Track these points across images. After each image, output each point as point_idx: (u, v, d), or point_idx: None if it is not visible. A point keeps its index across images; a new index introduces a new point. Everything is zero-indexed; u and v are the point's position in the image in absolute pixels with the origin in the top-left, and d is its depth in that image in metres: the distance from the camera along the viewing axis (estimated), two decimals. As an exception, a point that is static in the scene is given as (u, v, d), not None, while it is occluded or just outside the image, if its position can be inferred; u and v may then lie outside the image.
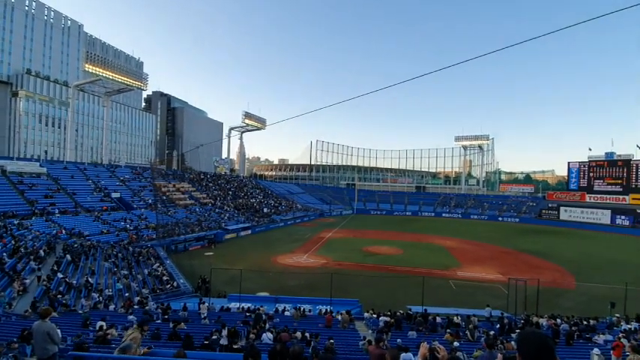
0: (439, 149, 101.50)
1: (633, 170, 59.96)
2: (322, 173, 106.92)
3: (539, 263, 33.52)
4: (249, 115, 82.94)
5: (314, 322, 16.60)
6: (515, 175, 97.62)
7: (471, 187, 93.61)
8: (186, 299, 21.03)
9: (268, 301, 21.13)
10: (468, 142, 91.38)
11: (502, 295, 22.33)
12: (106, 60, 56.32)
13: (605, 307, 20.01)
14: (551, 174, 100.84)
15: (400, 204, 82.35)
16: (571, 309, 20.75)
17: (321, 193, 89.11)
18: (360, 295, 22.37)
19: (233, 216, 52.50)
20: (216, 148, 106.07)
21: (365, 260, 33.59)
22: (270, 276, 27.04)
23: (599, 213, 61.11)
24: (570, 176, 68.85)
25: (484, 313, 18.91)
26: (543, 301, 20.49)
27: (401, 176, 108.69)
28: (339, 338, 13.35)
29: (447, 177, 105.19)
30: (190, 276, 26.27)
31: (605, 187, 63.11)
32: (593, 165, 65.01)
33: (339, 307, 19.38)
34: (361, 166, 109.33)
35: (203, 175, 70.75)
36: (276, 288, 24.04)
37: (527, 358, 1.75)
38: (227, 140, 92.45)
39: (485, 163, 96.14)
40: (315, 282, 24.95)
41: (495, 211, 74.01)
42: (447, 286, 25.48)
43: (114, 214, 40.65)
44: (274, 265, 31.01)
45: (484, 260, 34.49)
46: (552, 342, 1.84)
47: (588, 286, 25.79)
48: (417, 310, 18.32)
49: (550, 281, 26.44)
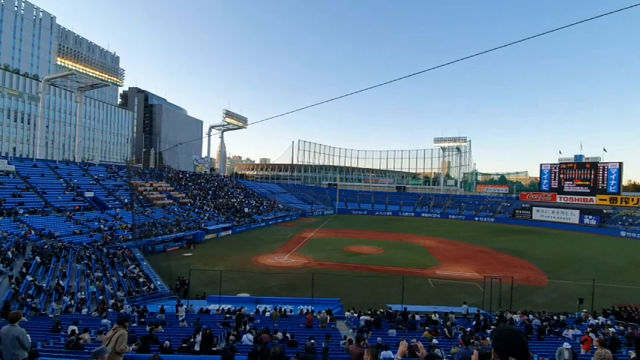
0: (419, 150, 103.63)
1: (600, 172, 63.14)
2: (304, 173, 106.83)
3: (513, 262, 34.73)
4: (230, 114, 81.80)
5: (295, 323, 16.55)
6: (490, 176, 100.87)
7: (449, 188, 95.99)
8: (163, 301, 20.48)
9: (249, 302, 20.90)
10: (446, 143, 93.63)
11: (478, 293, 23.02)
12: (80, 54, 54.11)
13: (574, 303, 21.00)
14: (525, 175, 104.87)
15: (381, 204, 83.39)
16: (543, 305, 21.61)
17: (302, 193, 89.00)
18: (341, 294, 22.47)
19: (213, 216, 51.63)
20: (196, 146, 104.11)
21: (346, 260, 33.79)
22: (251, 276, 26.75)
23: (568, 213, 63.98)
24: (542, 177, 71.72)
25: (461, 310, 19.42)
26: (517, 298, 21.26)
27: (382, 176, 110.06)
28: (319, 338, 13.37)
29: (426, 178, 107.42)
30: (168, 277, 25.62)
31: (574, 188, 66.15)
32: (564, 167, 68.00)
33: (320, 307, 19.40)
34: (343, 167, 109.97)
35: (182, 174, 69.19)
36: (257, 289, 23.82)
37: (502, 353, 1.82)
38: (207, 139, 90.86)
39: (462, 164, 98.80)
40: (296, 282, 24.89)
41: (472, 211, 76.18)
42: (426, 285, 26.00)
43: (87, 214, 39.11)
44: (255, 266, 30.71)
45: (461, 259, 35.41)
46: (525, 337, 1.92)
47: (559, 283, 26.96)
48: (397, 308, 18.59)
49: (523, 279, 27.46)
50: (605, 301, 21.00)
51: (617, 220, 59.55)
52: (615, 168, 61.56)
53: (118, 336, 4.83)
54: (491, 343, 1.95)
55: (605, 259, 36.75)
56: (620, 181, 62.05)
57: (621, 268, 33.37)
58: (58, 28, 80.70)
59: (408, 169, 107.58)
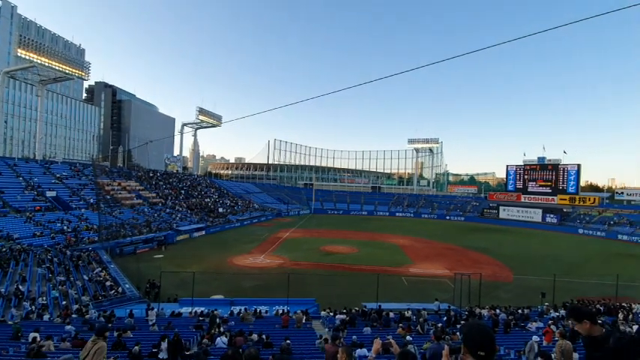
0: (394, 151, 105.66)
1: (560, 173, 67.01)
2: (280, 173, 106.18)
3: (482, 259, 36.20)
4: (203, 112, 79.85)
5: (271, 323, 16.43)
6: (461, 176, 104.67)
7: (422, 188, 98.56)
8: (132, 305, 19.70)
9: (223, 304, 20.51)
10: (419, 144, 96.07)
11: (449, 289, 23.81)
12: (42, 45, 50.97)
13: (537, 297, 22.16)
14: (492, 176, 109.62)
15: (357, 204, 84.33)
16: (508, 300, 22.66)
17: (278, 193, 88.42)
18: (317, 294, 22.52)
19: (186, 216, 50.23)
20: (168, 144, 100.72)
21: (322, 260, 33.91)
22: (226, 278, 26.26)
23: (532, 212, 67.47)
24: (508, 178, 75.16)
25: (433, 306, 20.00)
26: (485, 294, 22.17)
27: (358, 176, 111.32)
28: (294, 338, 13.35)
29: (400, 178, 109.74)
30: (138, 281, 24.65)
31: (537, 188, 69.80)
32: (528, 168, 71.56)
33: (296, 307, 19.35)
34: (319, 166, 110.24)
35: (152, 173, 66.79)
36: (231, 290, 23.40)
37: (471, 347, 1.92)
38: (180, 137, 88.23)
39: (435, 165, 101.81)
40: (272, 282, 24.71)
41: (444, 210, 78.66)
42: (400, 283, 26.56)
43: (49, 215, 36.93)
44: (230, 267, 30.17)
45: (433, 257, 36.48)
46: (492, 332, 2.03)
47: (523, 279, 28.35)
48: (372, 306, 18.86)
49: (491, 275, 28.66)
50: (565, 295, 22.32)
51: (576, 219, 63.48)
52: (574, 169, 65.54)
53: (97, 349, 4.54)
54: (461, 338, 2.04)
55: (564, 256, 39.06)
56: (578, 181, 66.13)
57: (579, 263, 35.59)
58: (19, 18, 75.47)
59: (383, 169, 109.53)
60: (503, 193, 75.79)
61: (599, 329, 2.84)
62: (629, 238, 51.77)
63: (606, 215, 61.60)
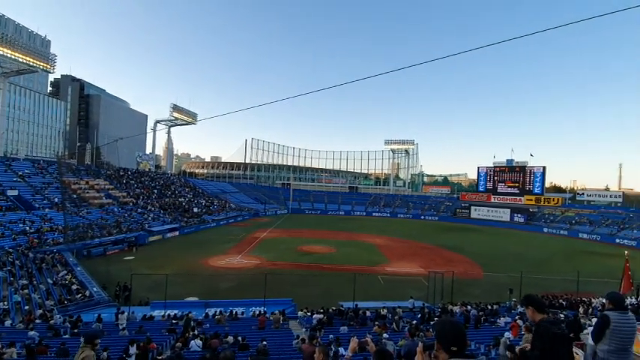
0: (371, 152, 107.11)
1: (527, 175, 70.32)
2: (257, 172, 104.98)
3: (454, 257, 37.37)
4: (178, 109, 77.66)
5: (247, 325, 16.24)
6: (435, 177, 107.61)
7: (398, 188, 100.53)
8: (101, 310, 18.87)
9: (197, 306, 20.04)
10: (396, 145, 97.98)
11: (423, 287, 24.43)
12: (4, 35, 47.75)
13: (505, 293, 23.17)
14: (465, 177, 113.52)
15: (334, 204, 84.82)
16: (479, 296, 23.50)
17: (255, 193, 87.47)
18: (294, 294, 22.46)
19: (158, 216, 48.68)
20: (140, 142, 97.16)
21: (299, 259, 33.86)
22: (200, 279, 25.67)
23: (501, 212, 70.40)
24: (479, 179, 78.04)
25: (408, 304, 20.46)
26: (457, 291, 22.87)
27: (335, 177, 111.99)
28: (271, 339, 13.26)
29: (377, 178, 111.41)
30: (107, 284, 23.65)
31: (506, 189, 72.88)
32: (497, 170, 74.59)
33: (272, 308, 19.23)
34: (297, 166, 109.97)
35: (123, 171, 64.25)
36: (206, 292, 22.89)
37: (444, 343, 2.00)
38: (152, 134, 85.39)
39: (410, 166, 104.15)
40: (248, 283, 24.42)
41: (419, 210, 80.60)
42: (376, 282, 26.96)
43: (10, 215, 34.72)
44: (205, 268, 29.52)
45: (409, 256, 37.29)
46: (464, 327, 2.12)
47: (492, 276, 29.53)
48: (349, 305, 19.05)
49: (462, 272, 29.62)
50: (531, 291, 23.21)
51: (541, 218, 66.87)
52: (540, 171, 68.94)
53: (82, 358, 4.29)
54: (434, 335, 2.12)
55: (530, 253, 41.02)
56: (543, 183, 69.61)
57: (544, 260, 37.49)
58: (-25, 5, 70.39)
59: (360, 169, 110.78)
60: (474, 194, 78.55)
61: (542, 317, 3.03)
62: (589, 236, 55.10)
63: (568, 215, 65.28)
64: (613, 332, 4.53)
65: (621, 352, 4.54)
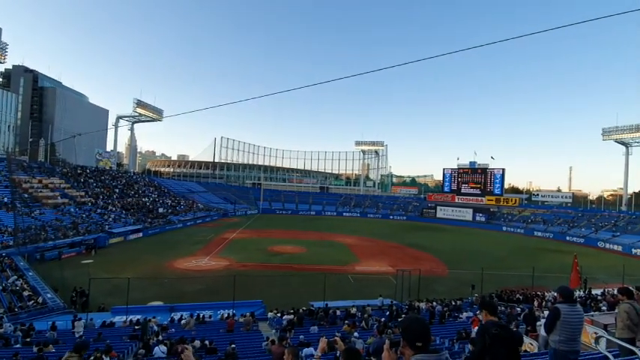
0: (341, 152, 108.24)
1: (488, 176, 74.07)
2: (227, 171, 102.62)
3: (421, 255, 38.62)
4: (142, 104, 74.14)
5: (214, 328, 15.84)
6: (403, 178, 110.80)
7: (368, 189, 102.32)
8: (55, 317, 17.64)
9: (162, 311, 19.30)
10: (366, 147, 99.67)
11: (392, 285, 25.01)
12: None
13: (468, 289, 24.28)
14: (431, 178, 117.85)
15: (305, 204, 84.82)
16: (444, 292, 24.46)
17: (225, 192, 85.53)
18: (264, 295, 22.21)
19: (120, 217, 46.27)
20: (100, 138, 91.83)
21: (270, 260, 33.53)
22: (166, 283, 24.71)
23: (464, 211, 73.67)
24: (444, 180, 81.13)
25: (377, 302, 20.88)
26: (423, 288, 23.66)
27: (306, 177, 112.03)
28: (240, 341, 13.03)
29: (348, 179, 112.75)
30: (62, 289, 22.16)
31: (469, 190, 76.31)
32: (461, 171, 77.90)
33: (242, 310, 18.91)
34: (267, 166, 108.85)
35: (81, 169, 60.45)
36: (172, 295, 22.07)
37: (409, 339, 2.06)
38: (114, 130, 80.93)
39: (380, 167, 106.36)
40: (217, 285, 23.82)
41: (388, 210, 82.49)
42: (347, 281, 27.29)
43: (-54, 217, 31.59)
44: (171, 271, 28.45)
45: (378, 255, 38.05)
46: (428, 323, 2.20)
47: (456, 273, 30.84)
48: (319, 305, 19.12)
49: (429, 270, 30.66)
50: (491, 286, 24.75)
51: (500, 218, 70.71)
52: (500, 173, 72.85)
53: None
54: (400, 332, 2.18)
55: (491, 251, 43.26)
56: (503, 184, 73.61)
57: (503, 257, 39.67)
58: None
59: (331, 170, 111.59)
60: (440, 194, 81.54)
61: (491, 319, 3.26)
62: (543, 234, 58.98)
63: (525, 214, 69.54)
64: (563, 323, 4.88)
65: (570, 341, 4.90)
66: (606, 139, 64.48)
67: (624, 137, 62.17)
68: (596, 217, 60.79)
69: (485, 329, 2.79)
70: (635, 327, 6.02)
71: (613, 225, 55.56)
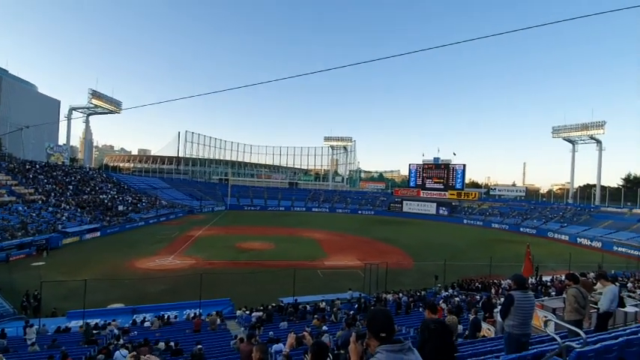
0: (310, 148, 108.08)
1: (451, 172, 77.45)
2: (192, 167, 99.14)
3: (388, 249, 39.72)
4: (98, 95, 69.51)
5: (180, 329, 15.38)
6: (371, 173, 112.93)
7: (337, 184, 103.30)
8: (5, 324, 16.30)
9: (124, 313, 18.43)
10: (335, 142, 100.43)
11: (360, 279, 25.53)
12: None
13: (432, 279, 25.35)
14: (398, 173, 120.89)
15: (274, 199, 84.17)
16: (409, 284, 25.37)
17: (190, 189, 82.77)
18: (232, 293, 21.86)
19: (75, 216, 43.38)
20: (51, 131, 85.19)
21: (238, 257, 33.00)
22: (127, 284, 23.58)
23: (428, 205, 76.61)
24: (410, 176, 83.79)
25: (346, 295, 21.24)
26: (390, 280, 24.37)
27: (275, 172, 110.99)
28: (208, 341, 12.76)
29: (317, 174, 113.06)
30: (11, 294, 20.48)
31: (433, 185, 79.35)
32: (426, 167, 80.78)
33: (209, 309, 18.50)
34: (235, 161, 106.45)
35: (30, 164, 55.83)
36: (134, 297, 21.11)
37: (374, 331, 2.14)
38: (67, 123, 75.34)
39: (348, 162, 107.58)
40: (182, 285, 23.09)
41: (356, 205, 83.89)
42: (316, 276, 27.49)
43: None
44: (132, 271, 27.16)
45: (347, 249, 38.65)
46: (391, 314, 2.29)
47: (421, 265, 32.06)
48: (289, 301, 19.13)
49: (395, 263, 31.63)
50: (453, 276, 26.03)
51: (462, 211, 74.30)
52: (461, 169, 76.41)
53: None
54: (365, 324, 2.24)
55: (453, 243, 45.41)
56: (464, 179, 77.35)
57: (464, 249, 41.79)
58: None
59: (300, 165, 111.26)
60: (406, 189, 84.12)
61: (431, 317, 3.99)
62: (500, 226, 62.76)
63: (483, 208, 73.58)
64: (516, 309, 5.24)
65: (523, 325, 5.27)
66: (556, 136, 69.62)
67: (571, 135, 67.42)
68: (547, 209, 65.62)
69: (426, 325, 3.34)
70: (582, 309, 6.61)
71: (561, 217, 60.26)
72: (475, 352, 6.06)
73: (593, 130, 63.74)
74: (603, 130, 62.66)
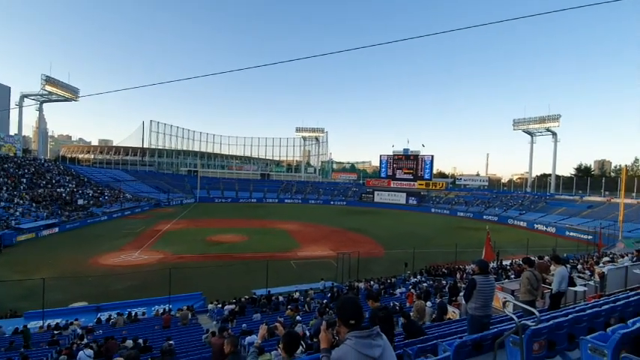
0: (282, 139, 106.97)
1: (420, 163, 79.83)
2: (158, 158, 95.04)
3: (360, 238, 40.51)
4: (52, 81, 64.62)
5: (149, 326, 14.96)
6: (343, 164, 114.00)
7: (309, 175, 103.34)
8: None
9: (87, 312, 17.62)
10: (307, 133, 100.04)
11: (333, 268, 25.94)
12: None
13: (401, 267, 26.21)
14: (369, 164, 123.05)
15: (245, 191, 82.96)
16: (380, 272, 26.06)
17: (157, 181, 79.64)
18: (203, 287, 21.49)
19: (29, 211, 40.55)
20: (0, 120, 78.44)
21: (208, 250, 32.37)
22: (90, 281, 22.49)
23: (399, 195, 78.66)
24: (381, 166, 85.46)
25: (319, 285, 21.53)
26: (362, 269, 24.99)
27: (246, 163, 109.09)
28: (178, 337, 12.52)
29: (289, 165, 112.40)
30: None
31: (403, 175, 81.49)
32: (396, 158, 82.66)
33: (180, 304, 18.10)
34: (204, 152, 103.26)
35: (-25, 156, 51.29)
36: (98, 295, 20.20)
37: (343, 318, 2.22)
38: (17, 111, 69.58)
39: (321, 153, 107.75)
40: (150, 281, 22.36)
41: (329, 196, 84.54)
42: (289, 267, 27.58)
43: None
44: (95, 268, 25.89)
45: (320, 240, 39.00)
46: (359, 302, 2.38)
47: (391, 253, 33.02)
48: (262, 292, 19.11)
49: (367, 252, 32.40)
50: (421, 263, 27.07)
51: (430, 200, 77.00)
52: (429, 159, 78.94)
53: None
54: (335, 312, 2.31)
55: (421, 231, 47.08)
56: (432, 169, 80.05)
57: (431, 236, 43.45)
58: None
59: (272, 156, 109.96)
60: (377, 180, 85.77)
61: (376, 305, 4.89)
62: (465, 214, 65.76)
63: (450, 197, 76.65)
64: (478, 292, 5.56)
65: (484, 307, 5.61)
66: (516, 129, 73.43)
67: (530, 128, 71.39)
68: (507, 197, 69.48)
69: (375, 313, 3.99)
70: (535, 290, 7.14)
71: (520, 204, 64.08)
72: (442, 334, 6.38)
73: (550, 123, 67.89)
74: (558, 123, 66.89)
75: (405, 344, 5.22)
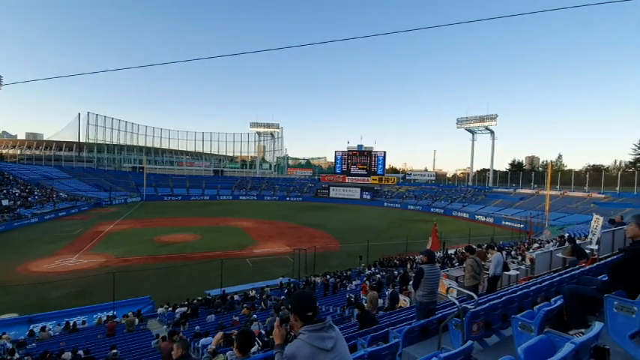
0: (236, 134, 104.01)
1: (373, 158, 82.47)
2: (98, 154, 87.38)
3: (316, 233, 40.95)
4: (-33, 67, 56.51)
5: (91, 335, 13.87)
6: (299, 160, 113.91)
7: (264, 171, 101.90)
8: None
9: (17, 324, 15.88)
10: (261, 128, 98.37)
11: (289, 264, 25.95)
12: None
13: (356, 260, 27.02)
14: (325, 160, 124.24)
15: (197, 188, 79.69)
16: (336, 266, 26.64)
17: (96, 178, 73.42)
18: (153, 290, 20.35)
19: (-61, 215, 35.25)
20: None
21: (157, 252, 30.62)
22: (20, 291, 20.21)
23: (353, 190, 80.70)
24: (336, 162, 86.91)
25: (276, 282, 21.45)
26: (318, 263, 25.33)
27: (198, 159, 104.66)
28: (124, 344, 11.78)
29: (243, 161, 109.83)
30: None
31: (357, 171, 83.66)
32: (350, 154, 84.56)
33: (125, 310, 16.98)
34: (150, 147, 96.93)
35: None
36: (30, 305, 18.24)
37: (299, 312, 2.27)
38: None
39: (276, 149, 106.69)
40: (91, 287, 20.67)
41: (284, 192, 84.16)
42: (245, 265, 27.06)
43: None
44: (25, 276, 23.25)
45: (275, 236, 38.75)
46: (312, 295, 2.46)
47: (347, 247, 33.82)
48: (216, 293, 18.59)
49: (323, 247, 32.88)
50: (375, 255, 28.10)
51: (382, 195, 79.99)
52: (382, 155, 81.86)
53: None
54: (290, 307, 2.36)
55: (375, 224, 48.81)
56: (384, 165, 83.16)
57: (384, 229, 45.24)
58: None
59: (225, 152, 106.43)
60: (332, 175, 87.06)
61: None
62: (414, 207, 69.34)
63: (401, 191, 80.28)
64: (425, 280, 5.94)
65: (430, 294, 6.00)
66: (459, 127, 78.75)
67: (471, 126, 76.98)
68: (452, 191, 74.49)
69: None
70: (477, 275, 7.82)
71: (463, 197, 69.05)
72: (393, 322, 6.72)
73: (488, 122, 73.77)
74: (496, 122, 72.93)
75: (359, 334, 5.43)
